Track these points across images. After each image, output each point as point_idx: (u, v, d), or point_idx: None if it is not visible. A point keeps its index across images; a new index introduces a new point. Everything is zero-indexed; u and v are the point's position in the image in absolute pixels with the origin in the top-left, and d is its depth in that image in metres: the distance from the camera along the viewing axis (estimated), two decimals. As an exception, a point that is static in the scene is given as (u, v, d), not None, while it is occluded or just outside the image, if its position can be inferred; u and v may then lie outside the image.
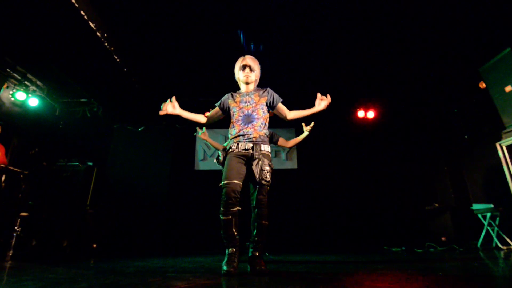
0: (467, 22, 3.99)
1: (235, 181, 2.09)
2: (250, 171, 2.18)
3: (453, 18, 3.95)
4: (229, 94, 2.44)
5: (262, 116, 2.31)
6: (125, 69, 4.52)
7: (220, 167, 2.42)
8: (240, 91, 2.45)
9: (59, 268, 2.40)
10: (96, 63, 4.39)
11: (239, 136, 2.24)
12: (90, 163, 4.92)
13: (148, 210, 5.54)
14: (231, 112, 2.36)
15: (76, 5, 3.27)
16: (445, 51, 4.58)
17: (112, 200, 5.51)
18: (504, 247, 3.88)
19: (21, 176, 3.86)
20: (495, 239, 4.00)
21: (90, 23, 3.55)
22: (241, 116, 2.29)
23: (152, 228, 5.43)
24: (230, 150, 2.23)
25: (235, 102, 2.34)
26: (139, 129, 6.12)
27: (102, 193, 5.39)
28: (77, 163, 4.77)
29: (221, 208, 2.07)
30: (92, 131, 5.80)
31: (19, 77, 4.58)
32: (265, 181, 2.14)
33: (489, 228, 4.10)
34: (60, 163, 4.78)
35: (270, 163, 2.20)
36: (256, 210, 2.15)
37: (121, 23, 4.00)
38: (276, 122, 5.99)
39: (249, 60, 2.37)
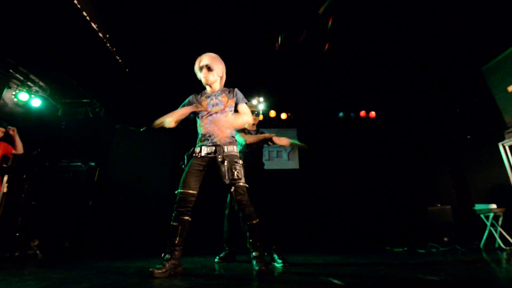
0: (469, 21, 3.98)
1: (190, 191, 2.05)
2: (218, 176, 2.12)
3: (455, 16, 3.93)
4: (193, 96, 2.34)
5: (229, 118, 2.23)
6: (127, 70, 4.53)
7: None
8: (205, 91, 2.36)
9: (61, 268, 2.41)
10: (98, 63, 4.40)
11: (204, 139, 2.19)
12: (92, 163, 4.93)
13: (149, 210, 5.55)
14: (199, 116, 2.28)
15: (79, 6, 3.28)
16: (447, 50, 4.56)
17: (114, 200, 5.53)
18: (507, 248, 3.85)
19: (24, 176, 3.88)
20: (498, 240, 3.98)
21: (92, 24, 3.56)
22: (209, 119, 2.22)
23: (154, 228, 5.43)
24: (194, 154, 2.19)
25: (202, 105, 2.25)
26: (141, 130, 6.13)
27: (104, 193, 5.40)
28: (79, 164, 4.79)
29: (172, 214, 2.07)
30: (94, 132, 5.82)
31: (21, 78, 4.60)
32: (237, 179, 2.07)
33: (491, 228, 4.08)
34: (63, 163, 4.79)
35: (237, 161, 2.13)
36: (240, 212, 2.08)
37: (123, 23, 4.01)
38: (277, 121, 5.96)
39: (206, 59, 2.26)
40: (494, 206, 4.10)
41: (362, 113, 6.11)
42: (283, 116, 6.04)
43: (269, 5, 3.78)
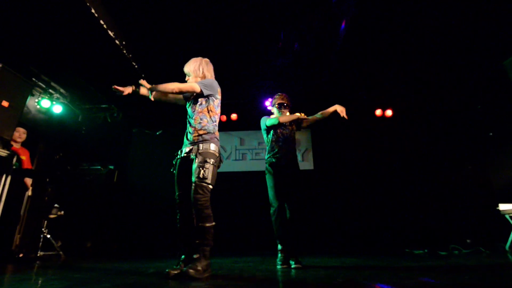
0: (490, 14, 3.83)
1: (177, 192, 2.18)
2: (190, 174, 2.09)
3: (476, 9, 3.80)
4: None
5: (198, 110, 2.19)
6: (143, 75, 4.64)
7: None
8: None
9: (83, 268, 2.49)
10: (115, 70, 4.53)
11: (186, 137, 2.23)
12: (111, 167, 5.07)
13: (167, 211, 5.63)
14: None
15: (96, 15, 3.39)
16: (468, 44, 4.41)
17: (132, 202, 5.66)
18: (535, 250, 3.68)
19: (47, 179, 4.03)
20: (525, 241, 3.81)
21: (109, 32, 3.67)
22: (188, 114, 2.29)
23: (172, 229, 5.51)
24: (178, 156, 2.24)
25: None
26: (157, 133, 6.26)
27: (123, 195, 5.54)
28: (99, 167, 4.94)
29: (176, 217, 2.15)
30: (112, 136, 5.99)
31: (43, 86, 4.79)
32: (198, 178, 1.99)
33: (518, 229, 3.91)
34: (83, 167, 4.96)
35: (208, 160, 2.04)
36: (195, 212, 2.01)
37: (138, 31, 4.11)
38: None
39: (185, 68, 2.39)
40: (520, 206, 3.93)
41: (378, 112, 5.99)
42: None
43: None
